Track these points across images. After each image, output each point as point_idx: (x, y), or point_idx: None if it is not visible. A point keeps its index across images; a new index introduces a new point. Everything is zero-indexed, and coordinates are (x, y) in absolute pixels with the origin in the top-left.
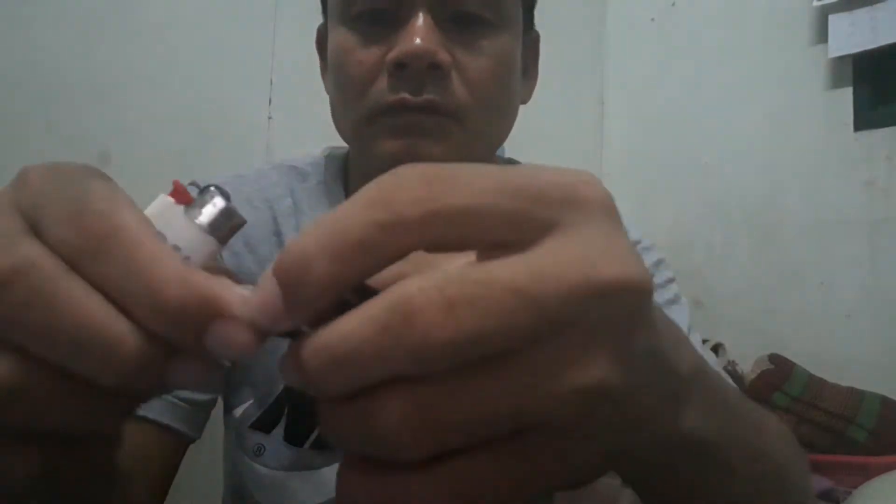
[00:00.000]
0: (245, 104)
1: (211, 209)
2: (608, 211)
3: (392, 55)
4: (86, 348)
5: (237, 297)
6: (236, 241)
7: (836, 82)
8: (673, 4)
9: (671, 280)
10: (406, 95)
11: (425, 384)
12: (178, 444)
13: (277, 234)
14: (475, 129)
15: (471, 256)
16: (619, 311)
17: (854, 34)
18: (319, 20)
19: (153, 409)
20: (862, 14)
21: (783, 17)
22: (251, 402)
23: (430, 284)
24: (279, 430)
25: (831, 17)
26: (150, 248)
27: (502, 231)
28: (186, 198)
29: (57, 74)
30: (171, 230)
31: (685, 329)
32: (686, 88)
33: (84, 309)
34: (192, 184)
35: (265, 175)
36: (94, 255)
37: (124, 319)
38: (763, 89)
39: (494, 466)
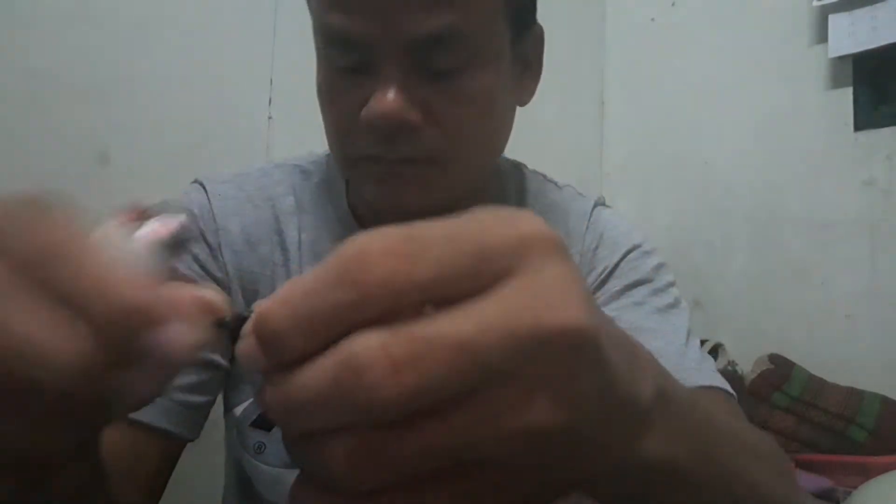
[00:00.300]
0: (245, 104)
1: (153, 226)
2: (558, 254)
3: (363, 115)
4: (24, 354)
5: (190, 298)
6: (237, 240)
7: (836, 82)
8: (673, 4)
9: (671, 284)
10: (381, 150)
11: (373, 429)
12: (172, 445)
13: (279, 232)
14: (456, 172)
15: None
16: (564, 356)
17: (854, 34)
18: None
19: (146, 412)
20: (862, 14)
21: (783, 17)
22: (251, 400)
23: (376, 343)
24: (279, 429)
25: (831, 17)
26: (100, 255)
27: (458, 289)
28: (132, 218)
29: (57, 74)
30: (115, 249)
31: (683, 334)
32: (686, 88)
33: (23, 315)
34: (196, 181)
35: (267, 173)
36: (43, 260)
37: (67, 326)
38: (763, 89)
39: (436, 498)
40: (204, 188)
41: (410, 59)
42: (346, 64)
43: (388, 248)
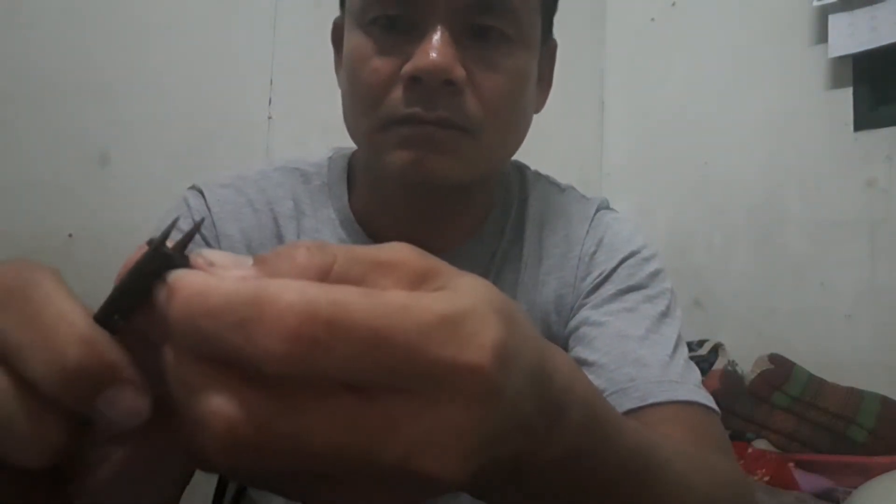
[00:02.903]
0: (245, 104)
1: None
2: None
3: (407, 69)
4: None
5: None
6: (238, 244)
7: (836, 82)
8: (673, 4)
9: (666, 291)
10: (419, 110)
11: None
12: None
13: (279, 236)
14: (487, 145)
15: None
16: (468, 393)
17: (854, 34)
18: (319, 21)
19: None
20: (862, 14)
21: (783, 17)
22: None
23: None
24: None
25: (831, 17)
26: (58, 306)
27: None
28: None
29: (57, 75)
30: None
31: (671, 345)
32: (686, 88)
33: None
34: (193, 187)
35: (267, 176)
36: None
37: (11, 383)
38: (763, 89)
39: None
40: (202, 194)
41: (457, 20)
42: (388, 18)
43: (303, 319)
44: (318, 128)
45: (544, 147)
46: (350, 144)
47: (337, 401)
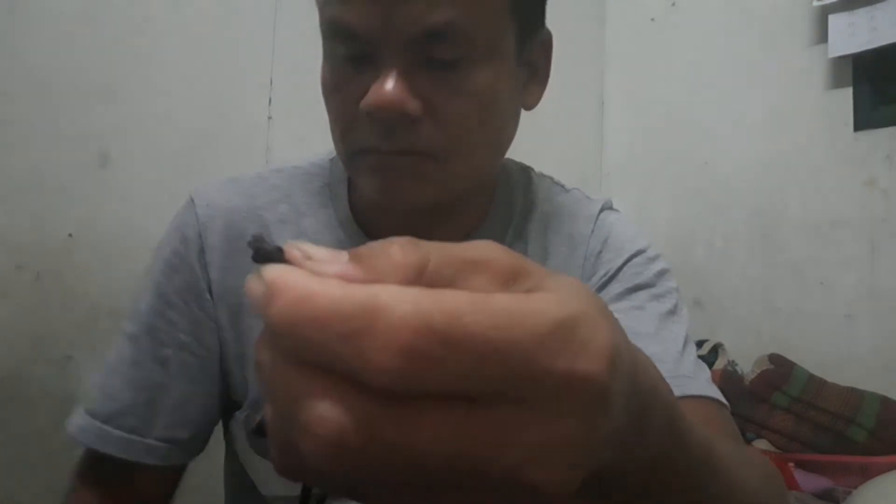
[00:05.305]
0: (245, 104)
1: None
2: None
3: (362, 105)
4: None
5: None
6: (222, 255)
7: (836, 82)
8: (673, 4)
9: (673, 290)
10: (379, 143)
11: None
12: (168, 472)
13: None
14: (456, 167)
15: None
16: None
17: (854, 34)
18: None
19: (132, 452)
20: (862, 14)
21: (783, 17)
22: (253, 397)
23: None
24: None
25: (831, 17)
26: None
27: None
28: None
29: (57, 75)
30: None
31: (681, 342)
32: (686, 88)
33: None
34: (189, 197)
35: (263, 179)
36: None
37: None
38: (763, 89)
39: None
40: (193, 205)
41: (411, 51)
42: (348, 53)
43: (418, 334)
44: (319, 128)
45: (544, 147)
46: None
47: (449, 410)
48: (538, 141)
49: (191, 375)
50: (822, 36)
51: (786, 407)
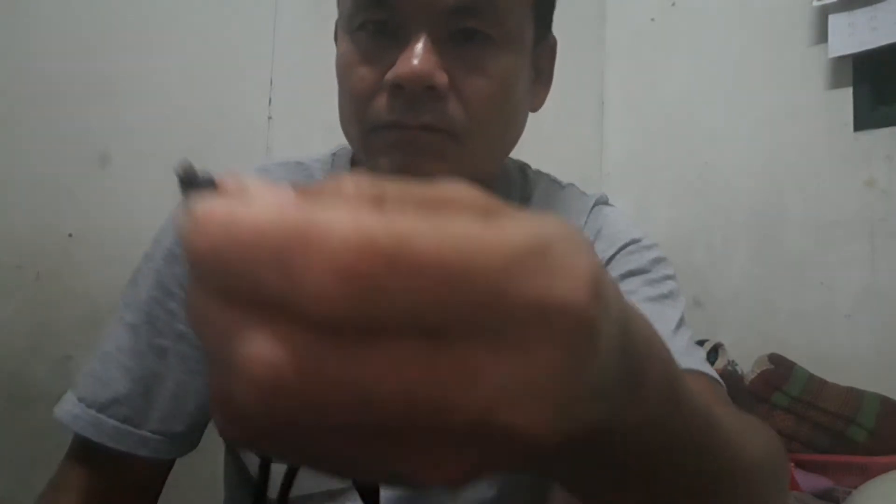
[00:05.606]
0: (245, 104)
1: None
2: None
3: (389, 76)
4: None
5: None
6: None
7: (836, 82)
8: (673, 4)
9: (668, 277)
10: (403, 116)
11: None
12: (159, 465)
13: None
14: (473, 149)
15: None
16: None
17: (854, 34)
18: (319, 21)
19: (123, 443)
20: (862, 14)
21: (783, 17)
22: None
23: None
24: None
25: (831, 17)
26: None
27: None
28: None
29: (57, 75)
30: None
31: (673, 323)
32: (686, 88)
33: None
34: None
35: (266, 171)
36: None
37: None
38: (763, 89)
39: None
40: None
41: (441, 25)
42: (374, 25)
43: (360, 254)
44: (319, 128)
45: (544, 147)
46: None
47: (404, 346)
48: (538, 141)
49: (188, 367)
50: (822, 36)
51: (786, 407)
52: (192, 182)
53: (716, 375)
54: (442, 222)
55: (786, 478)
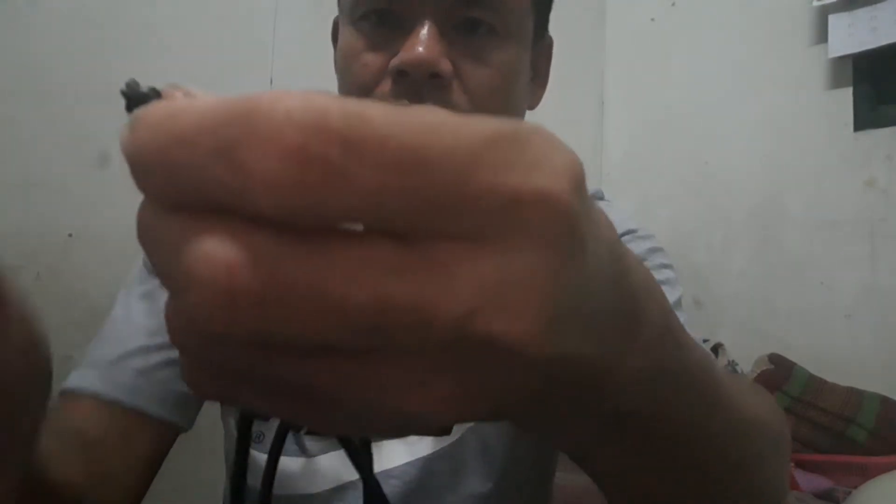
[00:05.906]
0: None
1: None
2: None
3: (394, 62)
4: None
5: None
6: None
7: (836, 82)
8: (673, 4)
9: (665, 266)
10: (406, 103)
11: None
12: (165, 432)
13: None
14: None
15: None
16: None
17: (854, 34)
18: (319, 21)
19: (138, 397)
20: (862, 14)
21: (783, 17)
22: None
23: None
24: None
25: (831, 17)
26: None
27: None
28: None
29: (57, 75)
30: None
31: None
32: (686, 88)
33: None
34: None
35: None
36: None
37: None
38: (763, 89)
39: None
40: None
41: (445, 14)
42: (378, 14)
43: (310, 133)
44: None
45: None
46: None
47: (371, 243)
48: None
49: None
50: (822, 36)
51: (786, 407)
52: (137, 97)
53: (711, 355)
54: (401, 107)
55: (788, 440)
